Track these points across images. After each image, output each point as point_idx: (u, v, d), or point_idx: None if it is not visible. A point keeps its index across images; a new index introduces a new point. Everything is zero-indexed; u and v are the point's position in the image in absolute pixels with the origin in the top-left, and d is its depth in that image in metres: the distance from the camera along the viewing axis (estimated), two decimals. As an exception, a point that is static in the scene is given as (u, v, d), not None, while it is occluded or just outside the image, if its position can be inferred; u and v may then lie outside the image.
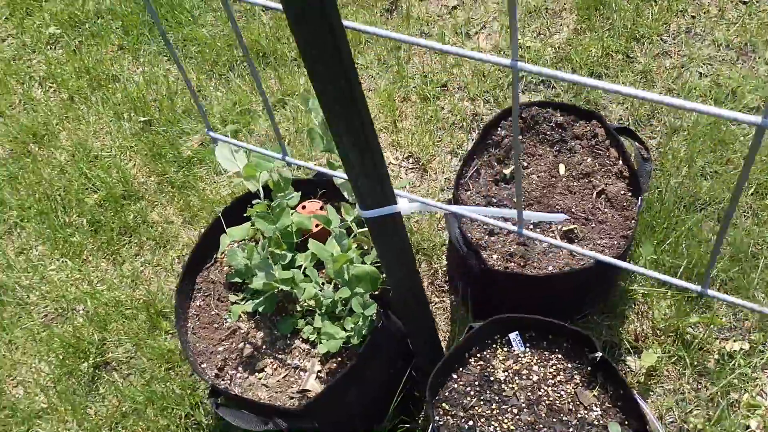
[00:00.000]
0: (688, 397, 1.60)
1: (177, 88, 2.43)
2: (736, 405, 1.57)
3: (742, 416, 1.55)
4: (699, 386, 1.62)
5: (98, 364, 1.91)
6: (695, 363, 1.62)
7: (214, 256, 1.62)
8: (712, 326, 1.65)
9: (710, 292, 0.83)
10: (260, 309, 1.45)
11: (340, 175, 1.04)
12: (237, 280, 1.52)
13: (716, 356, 1.64)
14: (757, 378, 1.60)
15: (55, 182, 2.29)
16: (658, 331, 1.68)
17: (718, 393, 1.58)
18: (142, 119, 2.37)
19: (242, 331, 1.50)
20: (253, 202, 1.55)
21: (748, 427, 1.54)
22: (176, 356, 1.85)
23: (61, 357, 1.92)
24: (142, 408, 1.76)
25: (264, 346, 1.48)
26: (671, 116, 2.01)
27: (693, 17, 2.22)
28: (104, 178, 2.26)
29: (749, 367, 1.60)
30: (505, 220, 1.51)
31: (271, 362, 1.46)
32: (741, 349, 1.63)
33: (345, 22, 0.75)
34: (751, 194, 1.83)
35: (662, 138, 1.96)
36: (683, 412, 1.59)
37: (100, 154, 2.35)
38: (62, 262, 2.12)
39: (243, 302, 1.50)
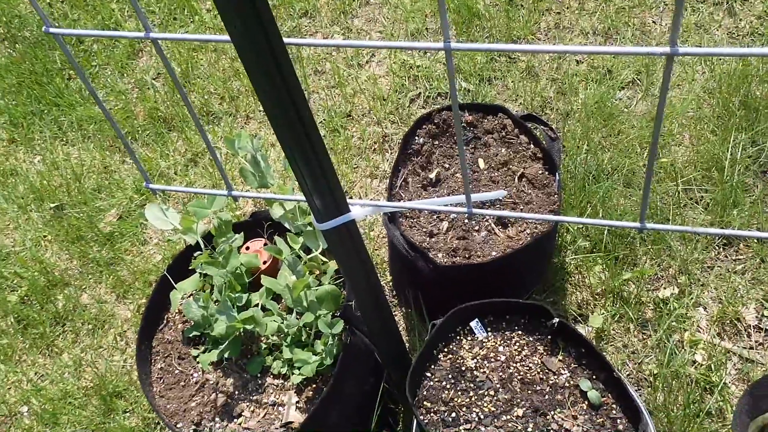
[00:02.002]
0: (638, 347, 1.72)
1: (83, 169, 2.38)
2: (680, 344, 1.70)
3: (688, 353, 1.68)
4: (644, 336, 1.74)
5: (56, 463, 1.81)
6: (636, 316, 1.75)
7: (165, 316, 1.60)
8: (642, 279, 1.79)
9: (649, 225, 0.94)
10: (226, 355, 1.45)
11: (289, 198, 1.09)
12: (196, 333, 1.51)
13: (652, 305, 1.77)
14: (691, 316, 1.74)
15: (-31, 289, 2.17)
16: (596, 296, 1.81)
17: (663, 338, 1.71)
18: (52, 205, 2.30)
19: (211, 383, 1.49)
20: (195, 254, 1.56)
21: (695, 361, 1.68)
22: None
23: (14, 465, 1.81)
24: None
25: (236, 392, 1.47)
26: (561, 102, 2.18)
27: (558, 13, 2.44)
28: (22, 273, 2.17)
29: (683, 308, 1.74)
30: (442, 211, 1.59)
31: (247, 405, 1.45)
32: (672, 294, 1.77)
33: (287, 39, 0.81)
34: (646, 156, 2.01)
35: (558, 123, 2.13)
36: (636, 362, 1.71)
37: (12, 250, 2.25)
38: (-6, 368, 2.01)
39: (206, 353, 1.49)
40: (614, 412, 1.34)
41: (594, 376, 1.40)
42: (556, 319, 1.41)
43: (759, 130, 1.98)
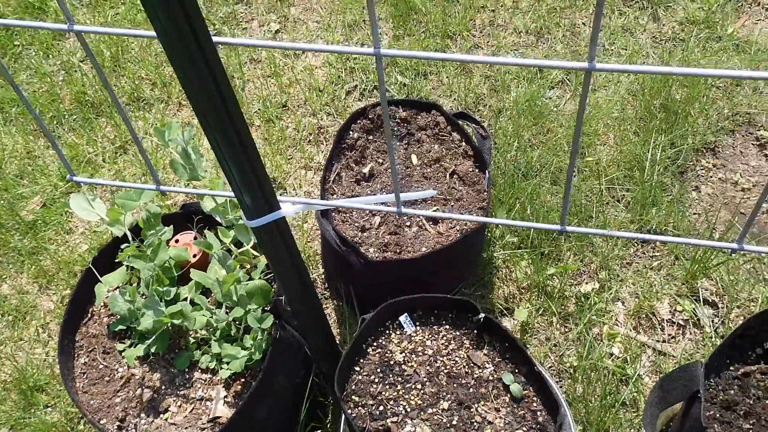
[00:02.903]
0: (560, 340, 1.79)
1: (4, 154, 2.29)
2: (599, 337, 1.78)
3: (606, 346, 1.76)
4: (566, 329, 1.81)
5: (-28, 459, 1.75)
6: (559, 310, 1.82)
7: (90, 309, 1.56)
8: (566, 274, 1.86)
9: (568, 228, 0.98)
10: (153, 350, 1.43)
11: (218, 193, 1.08)
12: (122, 327, 1.48)
13: (574, 300, 1.85)
14: (610, 311, 1.82)
15: None
16: (522, 290, 1.86)
17: (583, 331, 1.78)
18: (-30, 192, 2.20)
19: (137, 378, 1.47)
20: (122, 246, 1.53)
21: (612, 354, 1.76)
22: (61, 427, 1.75)
23: (-74, 462, 1.74)
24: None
25: (163, 387, 1.45)
26: (494, 99, 2.23)
27: (493, 11, 2.48)
28: (-64, 261, 2.07)
29: (602, 302, 1.82)
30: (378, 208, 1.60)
31: (174, 400, 1.44)
32: (593, 288, 1.85)
33: (216, 38, 0.80)
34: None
35: (491, 120, 2.18)
36: (558, 355, 1.77)
37: (-75, 237, 2.15)
38: None
39: (132, 347, 1.47)
40: (535, 404, 1.39)
41: (516, 370, 1.45)
42: (482, 315, 1.46)
43: (678, 132, 2.08)
